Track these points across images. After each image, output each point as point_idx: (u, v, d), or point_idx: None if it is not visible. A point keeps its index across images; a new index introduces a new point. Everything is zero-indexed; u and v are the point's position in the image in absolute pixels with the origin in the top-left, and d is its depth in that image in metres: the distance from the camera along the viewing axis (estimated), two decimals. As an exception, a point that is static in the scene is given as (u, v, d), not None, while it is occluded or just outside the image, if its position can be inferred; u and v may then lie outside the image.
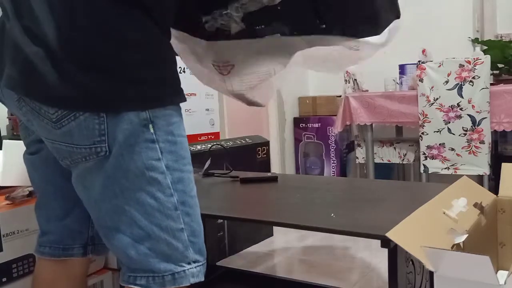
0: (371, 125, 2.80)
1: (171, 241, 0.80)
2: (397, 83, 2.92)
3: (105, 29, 0.75)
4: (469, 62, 2.36)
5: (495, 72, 2.68)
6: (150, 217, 0.79)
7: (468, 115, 2.39)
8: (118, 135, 0.76)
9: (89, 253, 1.01)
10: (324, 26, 1.00)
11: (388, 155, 2.90)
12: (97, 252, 1.02)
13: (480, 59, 2.34)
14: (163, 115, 0.79)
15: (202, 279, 0.84)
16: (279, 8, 0.94)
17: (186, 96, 0.85)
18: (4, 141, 1.32)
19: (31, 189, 1.28)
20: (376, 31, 1.03)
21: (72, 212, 0.97)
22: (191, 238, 0.82)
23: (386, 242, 0.82)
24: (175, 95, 0.82)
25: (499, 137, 2.85)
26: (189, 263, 0.82)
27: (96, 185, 0.80)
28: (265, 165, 2.54)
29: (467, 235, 0.82)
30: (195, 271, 0.83)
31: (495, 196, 1.03)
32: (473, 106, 2.37)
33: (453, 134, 2.45)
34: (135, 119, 0.76)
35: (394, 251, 0.87)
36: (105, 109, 0.75)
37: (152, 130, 0.78)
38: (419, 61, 2.50)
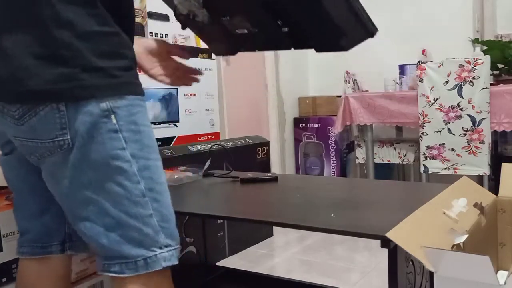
0: (371, 125, 2.80)
1: (141, 227, 0.82)
2: (397, 83, 2.92)
3: (59, 19, 0.76)
4: (469, 63, 2.36)
5: (495, 72, 2.68)
6: (118, 205, 0.81)
7: (468, 115, 2.39)
8: (80, 127, 0.78)
9: (67, 249, 1.02)
10: (286, 29, 0.97)
11: (388, 155, 2.90)
12: (75, 248, 1.03)
13: (480, 59, 2.34)
14: (124, 105, 0.81)
15: (175, 262, 0.86)
16: None
17: (186, 96, 0.86)
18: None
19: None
20: (342, 47, 0.97)
21: (49, 210, 0.98)
22: (161, 224, 0.84)
23: (386, 242, 0.82)
24: (132, 86, 0.83)
25: (499, 137, 2.85)
26: (160, 248, 0.84)
27: (64, 177, 0.81)
28: (265, 165, 2.54)
29: (467, 235, 0.82)
30: (167, 255, 0.85)
31: (495, 196, 1.03)
32: (473, 106, 2.37)
33: (453, 134, 2.45)
34: (95, 110, 0.78)
35: (394, 251, 0.87)
36: (63, 99, 0.76)
37: (114, 121, 0.79)
38: (419, 61, 2.50)
